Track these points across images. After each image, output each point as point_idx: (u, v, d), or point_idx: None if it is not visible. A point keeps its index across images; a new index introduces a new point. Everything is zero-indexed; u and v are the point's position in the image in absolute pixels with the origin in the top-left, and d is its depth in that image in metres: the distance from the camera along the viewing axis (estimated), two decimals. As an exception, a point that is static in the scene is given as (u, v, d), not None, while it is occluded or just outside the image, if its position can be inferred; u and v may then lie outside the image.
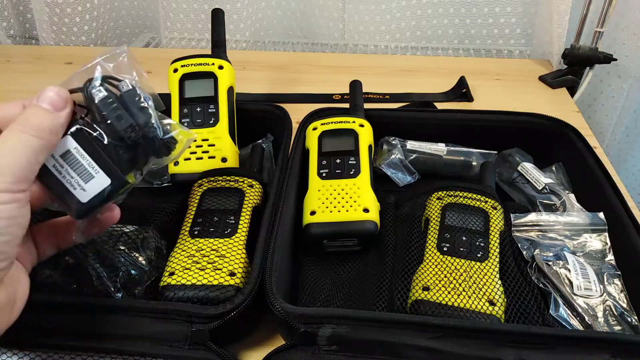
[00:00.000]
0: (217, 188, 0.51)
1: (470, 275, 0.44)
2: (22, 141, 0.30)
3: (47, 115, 0.31)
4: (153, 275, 0.45)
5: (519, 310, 0.44)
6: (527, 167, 0.58)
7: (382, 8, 0.98)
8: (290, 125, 0.61)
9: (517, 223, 0.52)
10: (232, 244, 0.46)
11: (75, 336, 0.40)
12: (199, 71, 0.59)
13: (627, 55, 0.90)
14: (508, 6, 0.95)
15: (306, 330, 0.39)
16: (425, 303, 0.42)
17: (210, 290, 0.42)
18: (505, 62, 0.94)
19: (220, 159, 0.55)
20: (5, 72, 0.89)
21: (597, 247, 0.50)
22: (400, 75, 0.87)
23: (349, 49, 1.04)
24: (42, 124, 0.31)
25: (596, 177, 0.54)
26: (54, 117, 0.32)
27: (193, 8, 0.99)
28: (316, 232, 0.50)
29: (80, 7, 0.97)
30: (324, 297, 0.48)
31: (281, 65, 0.90)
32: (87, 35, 1.00)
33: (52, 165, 0.33)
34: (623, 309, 0.44)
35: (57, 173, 0.33)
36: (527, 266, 0.48)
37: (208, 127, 0.56)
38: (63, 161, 0.33)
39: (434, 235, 0.48)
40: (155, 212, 0.51)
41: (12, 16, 1.05)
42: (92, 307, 0.40)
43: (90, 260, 0.42)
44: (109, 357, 0.39)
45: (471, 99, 0.79)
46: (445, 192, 0.52)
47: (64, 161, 0.33)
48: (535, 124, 0.61)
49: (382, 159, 0.61)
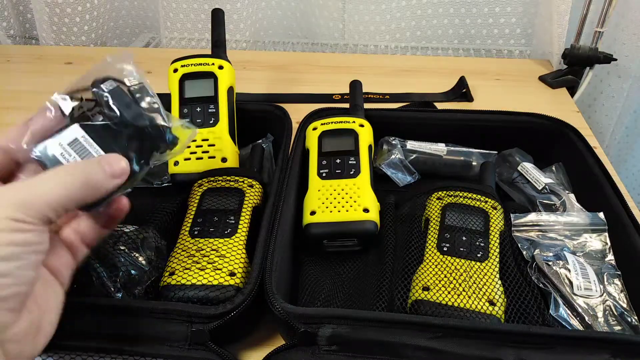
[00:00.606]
0: (217, 188, 0.51)
1: (470, 275, 0.44)
2: (66, 183, 0.31)
3: (102, 173, 0.33)
4: (153, 275, 0.45)
5: (519, 310, 0.44)
6: (527, 167, 0.58)
7: (382, 8, 0.98)
8: (290, 125, 0.61)
9: (517, 223, 0.52)
10: (232, 244, 0.46)
11: (75, 336, 0.40)
12: (199, 71, 0.59)
13: (627, 55, 0.90)
14: (508, 6, 0.95)
15: (306, 330, 0.39)
16: (425, 303, 0.42)
17: (210, 290, 0.42)
18: (505, 62, 0.94)
19: (220, 159, 0.55)
20: (5, 72, 0.89)
21: (597, 247, 0.50)
22: (400, 75, 0.87)
23: (349, 49, 1.04)
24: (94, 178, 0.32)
25: (596, 177, 0.54)
26: (107, 180, 0.33)
27: (193, 8, 0.99)
28: (316, 232, 0.50)
29: (80, 7, 0.97)
30: (324, 297, 0.48)
31: (281, 65, 0.90)
32: (87, 35, 1.00)
33: (60, 153, 0.33)
34: (623, 309, 0.44)
35: (63, 160, 0.34)
36: (527, 266, 0.48)
37: (208, 127, 0.56)
38: (71, 149, 0.34)
39: (434, 235, 0.48)
40: (155, 212, 0.51)
41: (12, 16, 1.05)
42: (92, 307, 0.40)
43: (90, 260, 0.42)
44: (109, 357, 0.39)
45: (471, 99, 0.79)
46: (445, 192, 0.52)
47: (71, 149, 0.34)
48: (535, 124, 0.61)
49: (382, 159, 0.61)
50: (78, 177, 0.31)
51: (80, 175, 0.31)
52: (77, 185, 0.31)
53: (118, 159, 0.34)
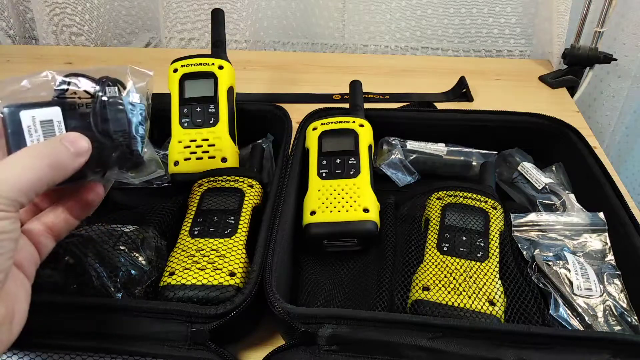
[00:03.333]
0: (217, 188, 0.51)
1: (470, 275, 0.44)
2: (34, 166, 0.31)
3: (67, 153, 0.32)
4: (153, 275, 0.45)
5: (519, 310, 0.44)
6: (527, 167, 0.58)
7: (382, 8, 0.98)
8: (290, 125, 0.61)
9: (517, 223, 0.52)
10: (232, 244, 0.46)
11: (75, 336, 0.40)
12: (199, 71, 0.59)
13: (627, 55, 0.90)
14: (508, 6, 0.95)
15: (306, 330, 0.39)
16: (425, 303, 0.42)
17: (210, 290, 0.42)
18: (505, 62, 0.94)
19: (220, 159, 0.55)
20: (5, 72, 0.89)
21: (597, 247, 0.50)
22: (400, 75, 0.87)
23: (349, 49, 1.04)
24: (60, 159, 0.32)
25: (596, 177, 0.54)
26: (73, 159, 0.33)
27: (193, 8, 0.99)
28: (316, 232, 0.50)
29: (80, 7, 0.96)
30: (324, 297, 0.48)
31: (281, 65, 0.90)
32: (87, 35, 1.00)
33: (27, 126, 0.33)
34: (623, 309, 0.44)
35: (27, 134, 0.33)
36: (527, 266, 0.48)
37: (208, 127, 0.56)
38: (40, 127, 0.34)
39: (434, 235, 0.48)
40: (155, 212, 0.51)
41: (12, 16, 1.05)
42: (92, 307, 0.40)
43: (90, 260, 0.42)
44: (109, 357, 0.39)
45: (471, 99, 0.79)
46: (445, 192, 0.52)
47: (40, 127, 0.34)
48: (535, 124, 0.61)
49: (382, 159, 0.61)
50: (44, 158, 0.31)
51: (46, 156, 0.31)
52: (45, 167, 0.31)
53: (79, 137, 0.34)
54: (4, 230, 0.29)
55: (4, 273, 0.30)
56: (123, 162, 0.36)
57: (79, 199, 0.37)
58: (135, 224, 0.47)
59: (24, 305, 0.33)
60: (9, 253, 0.30)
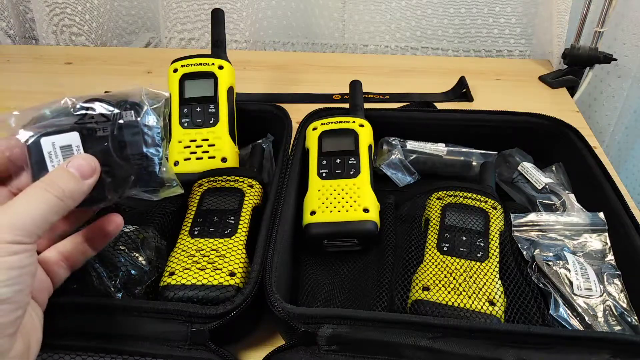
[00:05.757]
0: (217, 188, 0.51)
1: (470, 275, 0.44)
2: (44, 199, 0.31)
3: (72, 180, 0.33)
4: (153, 275, 0.45)
5: (519, 310, 0.44)
6: (527, 167, 0.58)
7: (382, 8, 0.98)
8: (290, 125, 0.61)
9: (517, 223, 0.52)
10: (232, 244, 0.46)
11: (75, 336, 0.40)
12: (199, 71, 0.59)
13: (627, 55, 0.90)
14: (508, 6, 0.95)
15: (306, 330, 0.39)
16: (425, 303, 0.42)
17: (210, 290, 0.42)
18: (505, 62, 0.94)
19: (220, 159, 0.55)
20: (5, 72, 0.89)
21: (597, 247, 0.50)
22: (400, 75, 0.87)
23: (349, 49, 1.04)
24: (66, 188, 0.32)
25: (596, 177, 0.54)
26: (79, 184, 0.33)
27: (193, 8, 0.99)
28: (316, 232, 0.50)
29: (80, 7, 0.97)
30: (324, 297, 0.48)
31: (281, 65, 0.90)
32: (87, 35, 1.00)
33: (49, 152, 0.34)
34: (623, 309, 0.44)
35: (48, 159, 0.34)
36: (527, 266, 0.48)
37: (208, 127, 0.56)
38: (60, 152, 0.34)
39: (434, 235, 0.48)
40: (155, 212, 0.51)
41: (12, 16, 1.05)
42: (93, 307, 0.40)
43: (90, 260, 0.42)
44: (109, 357, 0.39)
45: (471, 99, 0.79)
46: (445, 192, 0.52)
47: (60, 153, 0.34)
48: (535, 124, 0.61)
49: (382, 159, 0.61)
50: (51, 190, 0.31)
51: (52, 188, 0.31)
52: (53, 199, 0.31)
53: (83, 159, 0.34)
54: (21, 265, 0.29)
55: (23, 309, 0.30)
56: (141, 183, 0.37)
57: (99, 230, 0.37)
58: (135, 224, 0.47)
59: (39, 334, 0.33)
60: (27, 289, 0.30)
